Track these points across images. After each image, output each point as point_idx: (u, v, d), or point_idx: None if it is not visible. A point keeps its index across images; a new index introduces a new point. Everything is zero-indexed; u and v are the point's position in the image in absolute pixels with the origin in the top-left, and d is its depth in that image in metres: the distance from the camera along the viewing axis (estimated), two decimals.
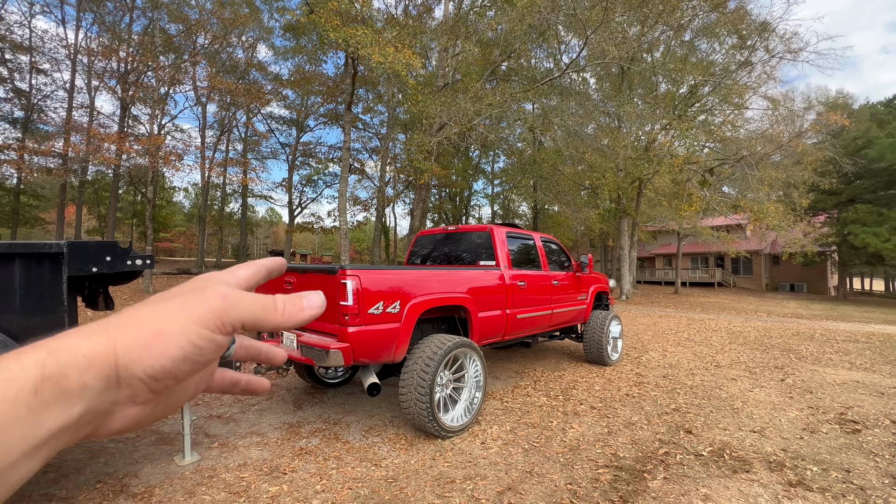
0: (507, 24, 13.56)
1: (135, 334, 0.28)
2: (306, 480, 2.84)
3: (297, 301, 0.34)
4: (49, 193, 23.60)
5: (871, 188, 23.92)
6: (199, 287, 0.32)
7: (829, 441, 3.57)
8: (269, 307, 0.33)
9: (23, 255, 2.04)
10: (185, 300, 0.31)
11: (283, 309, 0.33)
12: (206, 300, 0.30)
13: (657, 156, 16.88)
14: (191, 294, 0.31)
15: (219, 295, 0.31)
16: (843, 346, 8.08)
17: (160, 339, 0.28)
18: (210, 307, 0.30)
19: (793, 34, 17.28)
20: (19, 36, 18.01)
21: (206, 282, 0.33)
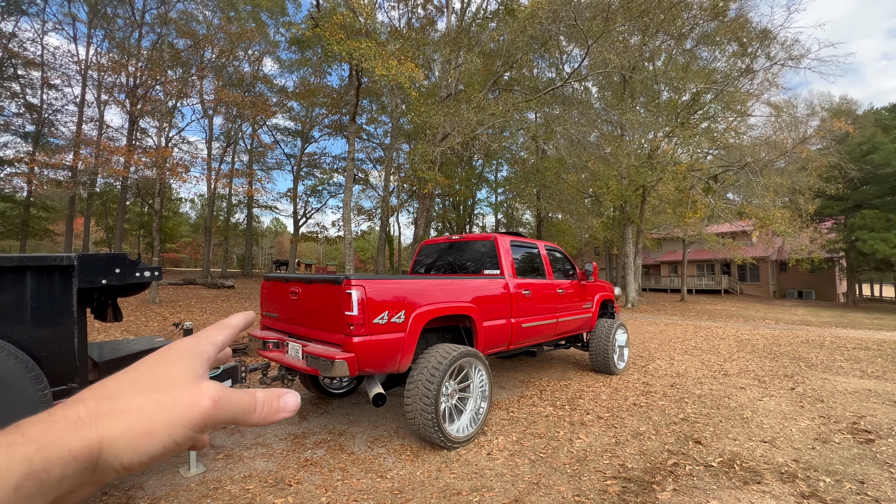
0: (508, 35, 13.72)
1: (123, 431, 0.29)
2: (311, 492, 2.82)
3: (275, 403, 0.36)
4: (58, 205, 23.91)
5: (878, 193, 23.74)
6: (189, 375, 0.33)
7: (842, 451, 3.50)
8: (249, 410, 0.35)
9: (34, 268, 2.08)
10: (177, 397, 0.32)
11: (260, 412, 0.36)
12: (197, 403, 0.32)
13: (660, 163, 16.88)
14: (183, 389, 0.32)
15: (211, 398, 0.32)
16: (853, 354, 7.96)
17: (147, 438, 0.29)
18: (201, 412, 0.31)
19: (794, 41, 17.32)
20: (32, 52, 18.45)
21: (193, 361, 0.35)
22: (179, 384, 0.32)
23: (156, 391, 0.31)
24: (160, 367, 0.33)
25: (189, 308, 11.91)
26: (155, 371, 0.32)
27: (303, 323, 3.70)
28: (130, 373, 0.32)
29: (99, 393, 0.30)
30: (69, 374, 2.17)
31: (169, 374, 0.32)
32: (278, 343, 3.76)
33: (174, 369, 0.33)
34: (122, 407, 0.29)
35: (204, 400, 0.32)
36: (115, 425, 0.28)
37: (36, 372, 1.90)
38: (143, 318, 9.93)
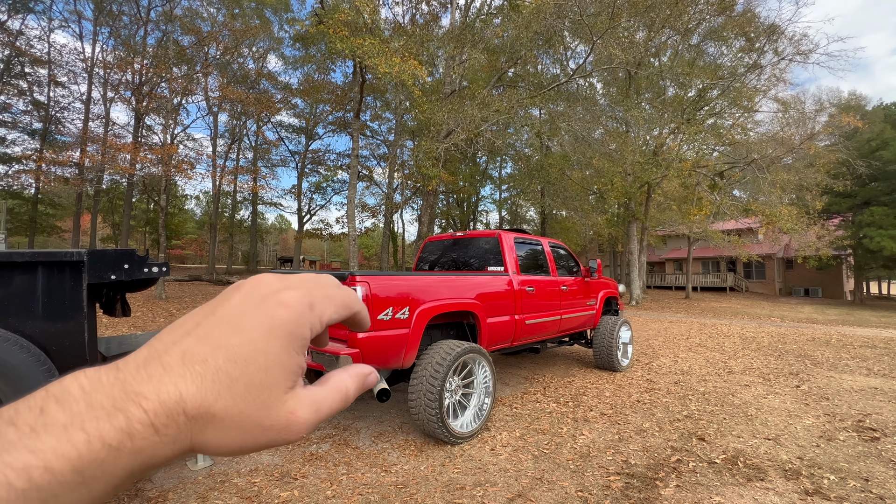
0: (513, 31, 13.66)
1: (213, 443, 0.27)
2: (317, 486, 2.85)
3: (363, 389, 0.34)
4: (65, 202, 24.14)
5: (887, 190, 23.46)
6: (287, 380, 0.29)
7: (847, 449, 3.49)
8: (342, 408, 0.33)
9: (45, 263, 2.11)
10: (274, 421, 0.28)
11: (349, 402, 0.33)
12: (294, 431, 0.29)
13: (666, 160, 16.77)
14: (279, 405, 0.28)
15: (307, 424, 0.30)
16: (860, 352, 7.91)
17: (235, 453, 0.28)
18: (297, 436, 0.29)
19: (802, 36, 17.14)
20: (38, 50, 18.59)
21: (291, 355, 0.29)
22: (275, 397, 0.28)
23: (252, 400, 0.27)
24: (257, 373, 0.27)
25: (195, 304, 12.02)
26: (252, 377, 0.27)
27: None
28: (218, 371, 0.26)
29: (191, 388, 0.26)
30: (80, 368, 2.20)
31: (266, 374, 0.27)
32: None
33: (272, 382, 0.28)
34: (216, 410, 0.26)
35: (301, 427, 0.29)
36: (207, 437, 0.26)
37: (48, 365, 1.94)
38: (150, 313, 10.03)
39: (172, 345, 0.27)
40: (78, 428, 0.22)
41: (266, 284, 0.31)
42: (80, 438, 0.22)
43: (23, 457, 0.20)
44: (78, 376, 0.24)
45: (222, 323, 0.28)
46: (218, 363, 0.26)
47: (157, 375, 0.25)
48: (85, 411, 0.23)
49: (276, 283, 0.31)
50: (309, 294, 0.31)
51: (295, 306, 0.29)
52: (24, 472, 0.20)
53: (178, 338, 0.27)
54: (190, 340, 0.27)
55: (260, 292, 0.30)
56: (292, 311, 0.29)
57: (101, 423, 0.22)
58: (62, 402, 0.23)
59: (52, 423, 0.22)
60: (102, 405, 0.23)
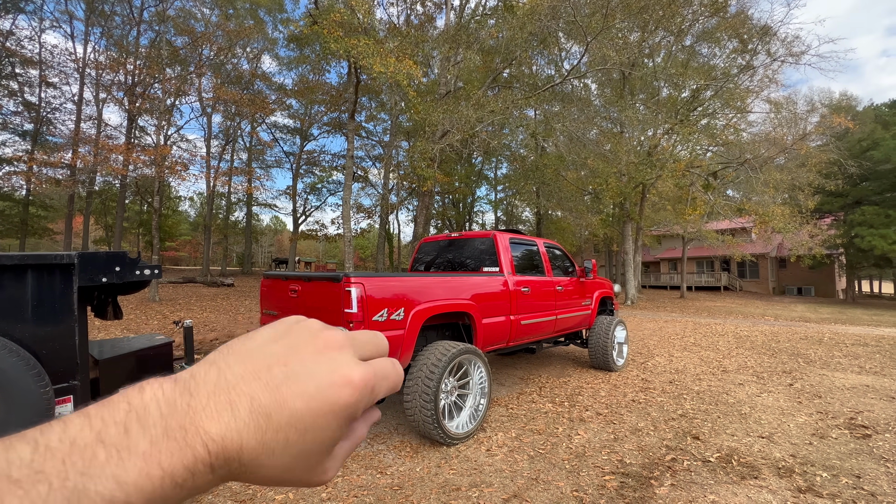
0: (507, 32, 13.69)
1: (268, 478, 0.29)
2: (312, 488, 2.84)
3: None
4: (57, 204, 23.89)
5: (878, 190, 23.74)
6: None
7: (839, 446, 3.53)
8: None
9: (35, 266, 2.09)
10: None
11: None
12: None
13: (660, 160, 16.87)
14: None
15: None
16: (852, 350, 7.99)
17: None
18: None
19: (794, 38, 17.31)
20: (29, 51, 18.39)
21: None
22: (319, 462, 0.30)
23: (298, 464, 0.29)
24: (310, 442, 0.29)
25: (189, 306, 11.93)
26: (305, 445, 0.29)
27: None
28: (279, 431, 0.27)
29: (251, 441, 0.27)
30: (70, 372, 2.18)
31: (319, 445, 0.29)
32: None
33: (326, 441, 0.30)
34: (265, 463, 0.28)
35: (327, 481, 0.32)
36: (246, 477, 0.28)
37: (38, 370, 1.92)
38: (144, 316, 9.95)
39: (242, 381, 0.28)
40: (156, 463, 0.23)
41: (338, 346, 0.32)
42: (157, 474, 0.23)
43: (109, 486, 0.22)
44: (156, 391, 0.26)
45: (292, 379, 0.29)
46: (281, 422, 0.27)
47: (225, 415, 0.26)
48: (162, 441, 0.24)
49: (348, 350, 0.32)
50: (373, 374, 0.32)
51: (361, 388, 0.30)
52: (109, 502, 0.22)
53: (248, 375, 0.28)
54: (259, 386, 0.28)
55: (333, 354, 0.31)
56: (357, 392, 0.30)
57: (174, 461, 0.24)
58: (143, 424, 0.24)
59: (135, 449, 0.23)
60: (176, 438, 0.25)
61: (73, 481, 0.21)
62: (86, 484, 0.21)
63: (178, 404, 0.26)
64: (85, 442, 0.23)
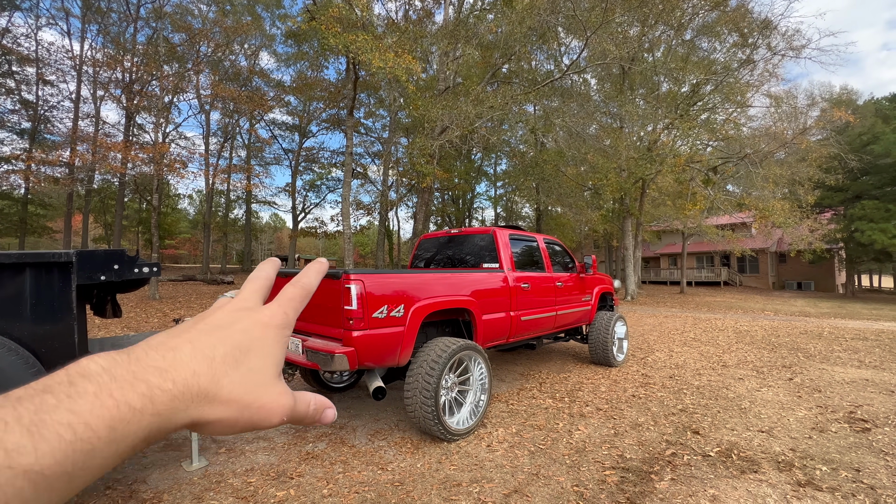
0: (506, 26, 13.60)
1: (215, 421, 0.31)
2: (313, 485, 2.85)
3: (318, 416, 0.38)
4: (56, 203, 23.86)
5: (878, 184, 23.71)
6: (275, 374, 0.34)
7: (839, 440, 3.54)
8: (304, 420, 0.37)
9: (33, 264, 2.08)
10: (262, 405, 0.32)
11: (307, 421, 0.37)
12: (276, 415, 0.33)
13: (660, 155, 16.83)
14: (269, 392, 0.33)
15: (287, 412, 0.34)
16: (851, 344, 8.00)
17: (229, 430, 0.32)
18: (278, 421, 0.34)
19: (795, 31, 17.23)
20: (26, 48, 18.30)
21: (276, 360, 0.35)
22: (269, 380, 0.33)
23: (251, 379, 0.32)
24: (256, 359, 0.33)
25: (189, 304, 11.93)
26: (252, 363, 0.32)
27: (302, 318, 3.71)
28: (226, 356, 0.31)
29: (203, 367, 0.30)
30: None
31: (263, 360, 0.33)
32: None
33: (267, 367, 0.33)
34: (223, 385, 0.30)
35: (283, 410, 0.33)
36: (209, 412, 0.30)
37: (37, 368, 1.91)
38: (144, 314, 9.95)
39: (173, 337, 0.31)
40: (107, 394, 0.25)
41: (243, 305, 0.37)
42: (110, 403, 0.25)
43: (66, 416, 0.24)
44: (93, 358, 0.27)
45: (219, 325, 0.34)
46: (225, 349, 0.32)
47: (169, 355, 0.29)
48: (110, 382, 0.26)
49: (250, 303, 0.37)
50: (278, 305, 0.37)
51: (277, 313, 0.36)
52: (69, 427, 0.23)
53: (177, 333, 0.32)
54: (192, 334, 0.32)
55: (243, 305, 0.36)
56: (276, 317, 0.36)
57: (126, 391, 0.26)
58: (87, 377, 0.26)
59: (84, 391, 0.25)
60: (125, 377, 0.27)
61: (29, 418, 0.23)
62: (42, 417, 0.23)
63: (119, 359, 0.27)
64: (30, 395, 0.24)
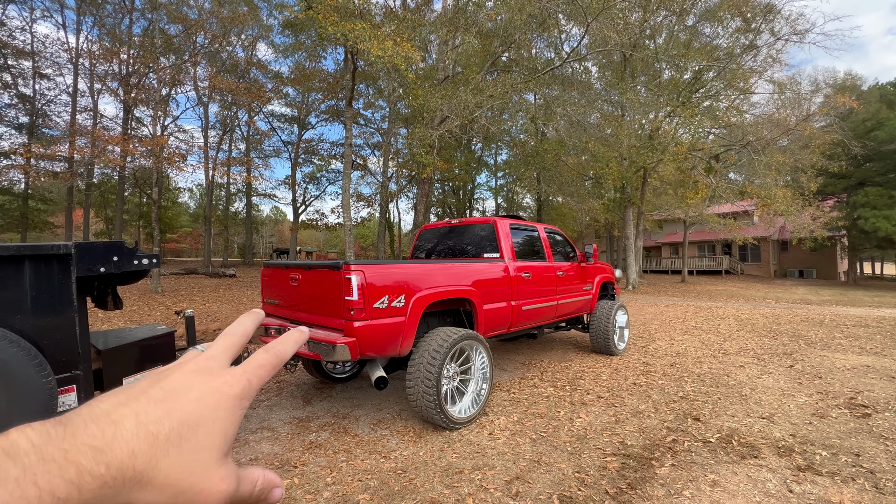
0: (506, 14, 13.41)
1: None
2: (317, 473, 2.88)
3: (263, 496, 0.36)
4: (56, 197, 23.84)
5: (882, 170, 23.52)
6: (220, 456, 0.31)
7: (839, 426, 3.55)
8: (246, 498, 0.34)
9: (32, 256, 2.08)
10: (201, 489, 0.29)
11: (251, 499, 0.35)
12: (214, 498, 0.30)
13: (661, 144, 16.69)
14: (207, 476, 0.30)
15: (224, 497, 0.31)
16: (853, 331, 8.00)
17: None
18: None
19: (799, 15, 16.97)
20: (21, 42, 18.12)
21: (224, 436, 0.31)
22: (215, 460, 0.30)
23: (195, 460, 0.29)
24: (204, 437, 0.29)
25: (191, 297, 11.98)
26: (198, 441, 0.29)
27: (304, 309, 3.72)
28: (171, 433, 0.28)
29: (143, 446, 0.27)
30: (72, 362, 2.19)
31: (212, 438, 0.30)
32: (280, 329, 3.79)
33: (214, 446, 0.30)
34: (162, 467, 0.27)
35: (224, 495, 0.30)
36: (144, 498, 0.26)
37: (39, 360, 1.92)
38: (146, 307, 10.00)
39: (120, 405, 0.28)
40: (31, 483, 0.22)
41: (207, 365, 0.33)
42: (32, 493, 0.22)
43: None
44: (24, 430, 0.24)
45: (172, 392, 0.30)
46: (171, 424, 0.28)
47: (109, 431, 0.26)
48: (36, 464, 0.23)
49: (212, 361, 0.34)
50: (243, 371, 0.34)
51: (238, 381, 0.33)
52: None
53: (125, 400, 0.28)
54: (141, 403, 0.28)
55: (206, 366, 0.33)
56: (236, 385, 0.32)
57: (53, 477, 0.23)
58: (13, 456, 0.22)
59: (5, 476, 0.22)
60: (55, 458, 0.23)
61: None
62: None
63: (52, 434, 0.24)
64: None
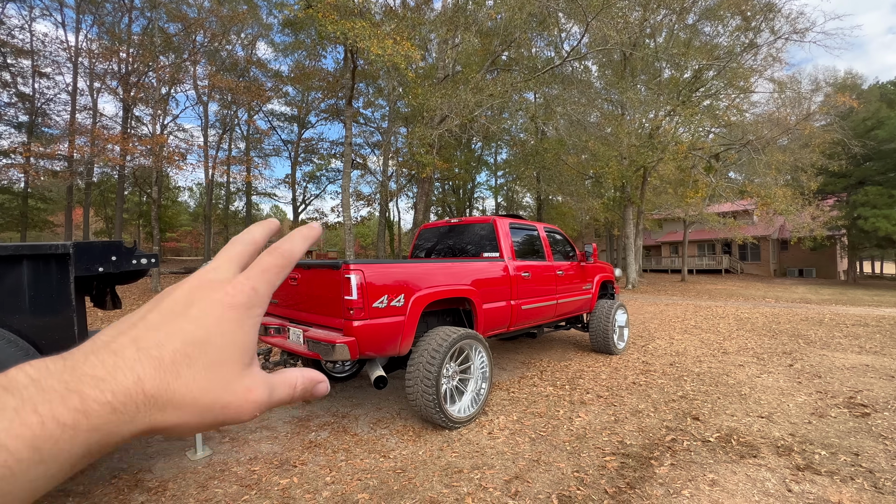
0: (506, 12, 13.40)
1: (173, 426, 0.28)
2: (316, 473, 2.88)
3: (308, 395, 0.35)
4: (56, 196, 23.81)
5: (882, 170, 23.50)
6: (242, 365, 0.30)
7: (838, 425, 3.55)
8: (288, 400, 0.33)
9: (30, 256, 2.07)
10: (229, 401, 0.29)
11: (295, 400, 0.34)
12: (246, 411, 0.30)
13: (661, 143, 16.68)
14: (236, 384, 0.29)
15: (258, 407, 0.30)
16: (852, 331, 8.00)
17: (191, 432, 0.28)
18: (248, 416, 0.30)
19: (799, 14, 16.95)
20: (20, 40, 18.08)
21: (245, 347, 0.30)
22: (234, 374, 0.29)
23: (212, 377, 0.28)
24: (214, 352, 0.28)
25: None
26: (210, 357, 0.28)
27: (303, 308, 3.72)
28: (176, 353, 0.27)
29: (148, 370, 0.26)
30: None
31: (223, 353, 0.29)
32: (280, 328, 3.79)
33: (229, 360, 0.29)
34: (177, 388, 0.26)
35: (256, 405, 0.30)
36: (167, 416, 0.26)
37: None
38: None
39: (119, 335, 0.27)
40: (30, 410, 0.22)
41: (207, 278, 0.31)
42: (34, 420, 0.22)
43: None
44: (23, 367, 0.24)
45: (171, 312, 0.29)
46: (175, 345, 0.27)
47: (109, 360, 0.25)
48: (36, 395, 0.22)
49: (217, 274, 0.31)
50: (246, 278, 0.31)
51: (241, 290, 0.30)
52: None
53: (124, 329, 0.28)
54: (139, 330, 0.27)
55: (207, 278, 0.31)
56: (239, 295, 0.30)
57: (55, 405, 0.22)
58: (10, 390, 0.22)
59: (3, 407, 0.22)
60: (54, 388, 0.23)
61: None
62: None
63: (52, 368, 0.24)
64: None
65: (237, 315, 0.29)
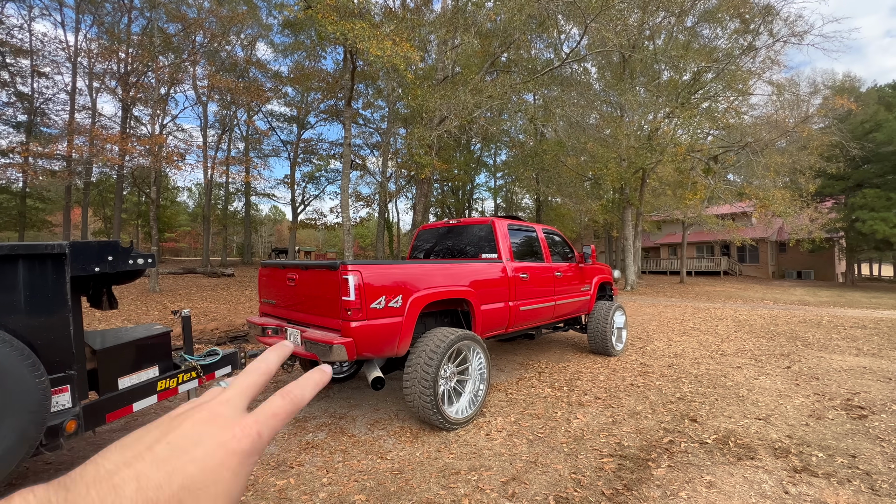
0: (505, 14, 13.40)
1: None
2: (313, 473, 2.87)
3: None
4: (54, 196, 23.75)
5: (880, 172, 23.56)
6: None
7: (835, 427, 3.56)
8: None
9: (26, 256, 2.07)
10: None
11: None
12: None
13: (660, 145, 16.71)
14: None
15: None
16: (850, 333, 8.02)
17: None
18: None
19: (797, 17, 16.98)
20: (19, 40, 18.06)
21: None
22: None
23: None
24: (210, 486, 0.30)
25: (189, 296, 11.95)
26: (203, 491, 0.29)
27: (301, 309, 3.71)
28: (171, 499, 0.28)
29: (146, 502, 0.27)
30: (66, 362, 2.18)
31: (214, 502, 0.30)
32: (277, 329, 3.78)
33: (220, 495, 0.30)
34: None
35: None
36: None
37: (32, 359, 1.91)
38: (144, 306, 9.97)
39: (124, 466, 0.28)
40: None
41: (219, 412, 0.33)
42: None
43: None
44: (26, 496, 0.25)
45: (177, 450, 0.30)
46: (172, 490, 0.28)
47: (109, 499, 0.25)
48: None
49: (227, 406, 0.33)
50: (254, 421, 0.33)
51: (248, 434, 0.32)
52: None
53: (129, 459, 0.28)
54: (144, 465, 0.28)
55: (218, 413, 0.32)
56: (244, 440, 0.31)
57: None
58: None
59: None
60: None
61: None
62: None
63: (54, 500, 0.25)
64: None
65: (237, 462, 0.31)
